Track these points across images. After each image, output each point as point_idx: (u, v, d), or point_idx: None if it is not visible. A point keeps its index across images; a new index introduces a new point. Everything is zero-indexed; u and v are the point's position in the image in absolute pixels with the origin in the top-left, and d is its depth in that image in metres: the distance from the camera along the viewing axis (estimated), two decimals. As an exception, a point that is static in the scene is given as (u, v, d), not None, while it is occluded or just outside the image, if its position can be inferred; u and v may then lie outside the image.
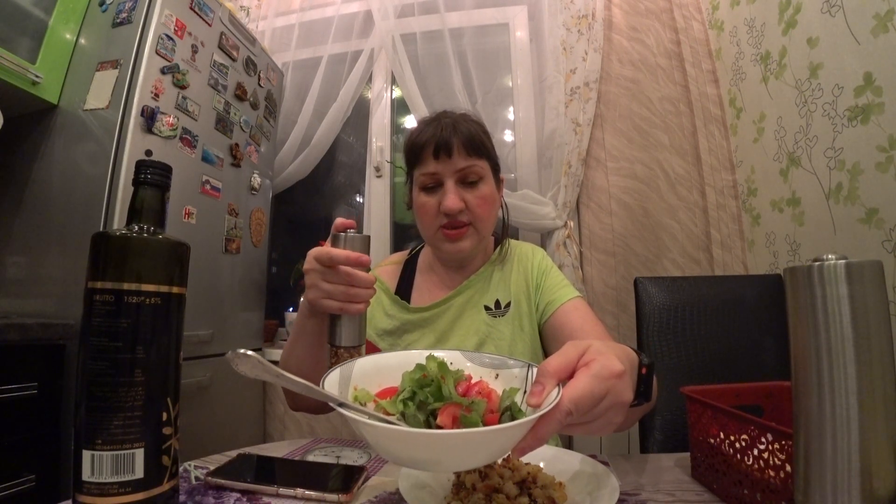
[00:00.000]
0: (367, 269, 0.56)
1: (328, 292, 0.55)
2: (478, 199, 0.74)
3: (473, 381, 0.43)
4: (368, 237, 0.57)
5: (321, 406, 0.72)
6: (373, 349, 0.81)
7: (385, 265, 0.93)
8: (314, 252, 0.56)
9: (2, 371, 0.91)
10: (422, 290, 0.86)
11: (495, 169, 0.79)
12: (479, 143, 0.74)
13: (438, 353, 0.44)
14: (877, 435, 0.31)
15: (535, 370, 0.42)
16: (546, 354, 0.79)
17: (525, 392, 0.41)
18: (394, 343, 0.82)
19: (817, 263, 0.33)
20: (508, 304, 0.80)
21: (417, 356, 0.44)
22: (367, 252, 0.56)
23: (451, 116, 0.77)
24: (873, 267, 0.32)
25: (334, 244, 0.56)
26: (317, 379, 0.42)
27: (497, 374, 0.45)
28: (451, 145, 0.72)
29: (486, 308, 0.80)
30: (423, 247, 0.92)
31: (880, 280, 0.32)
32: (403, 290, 0.87)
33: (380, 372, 0.44)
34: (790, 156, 1.21)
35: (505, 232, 0.87)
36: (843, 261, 0.32)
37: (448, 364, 0.43)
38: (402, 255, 0.94)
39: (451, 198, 0.72)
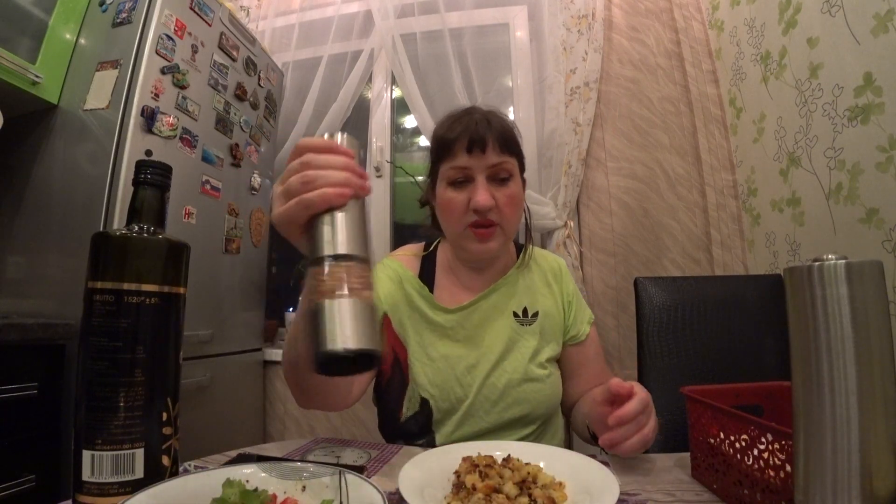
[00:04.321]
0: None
1: (285, 190, 0.41)
2: (507, 198, 0.72)
3: (279, 501, 0.40)
4: (357, 143, 0.44)
5: (336, 402, 0.67)
6: (401, 349, 0.77)
7: (403, 254, 0.86)
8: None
9: (2, 371, 0.91)
10: (443, 291, 0.81)
11: (521, 169, 0.77)
12: (511, 139, 0.72)
13: (235, 475, 0.41)
14: (877, 435, 0.31)
15: (347, 477, 0.42)
16: (562, 370, 0.81)
17: (342, 503, 0.40)
18: (424, 343, 0.77)
19: (817, 263, 0.33)
20: (536, 314, 0.79)
21: (208, 479, 0.41)
22: (356, 157, 0.43)
23: (480, 111, 0.74)
24: (873, 267, 0.32)
25: None
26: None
27: (304, 487, 0.43)
28: (485, 140, 0.69)
29: (514, 314, 0.79)
30: (438, 242, 0.87)
31: (880, 280, 0.32)
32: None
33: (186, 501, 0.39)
34: (790, 156, 1.21)
35: (528, 236, 0.85)
36: (843, 261, 0.32)
37: (245, 483, 0.41)
38: (418, 248, 0.88)
39: (483, 194, 0.69)
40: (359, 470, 0.53)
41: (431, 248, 0.86)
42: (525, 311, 0.79)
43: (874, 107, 0.93)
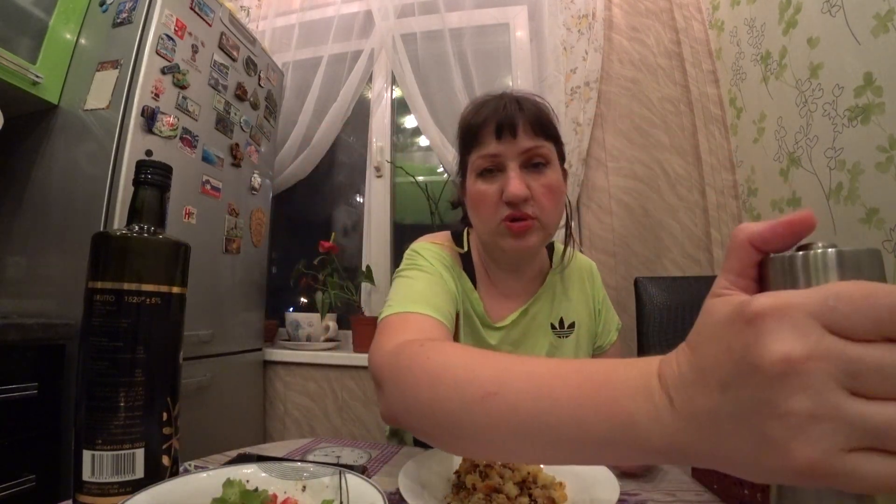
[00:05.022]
0: None
1: (875, 430, 0.17)
2: (544, 188, 0.63)
3: (280, 501, 0.41)
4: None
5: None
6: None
7: (448, 246, 0.74)
8: (828, 301, 0.19)
9: (2, 371, 0.91)
10: (487, 302, 0.73)
11: (561, 156, 0.69)
12: (546, 121, 0.65)
13: (235, 475, 0.42)
14: None
15: (347, 477, 0.41)
16: None
17: (342, 502, 0.39)
18: None
19: (801, 253, 0.26)
20: (573, 325, 0.74)
21: (208, 479, 0.42)
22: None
23: (510, 94, 0.67)
24: (872, 256, 0.25)
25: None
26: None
27: (304, 487, 0.43)
28: (515, 123, 0.62)
29: (552, 326, 0.74)
30: (465, 234, 0.78)
31: (879, 271, 0.26)
32: None
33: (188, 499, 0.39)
34: (790, 156, 1.21)
35: (568, 234, 0.76)
36: (833, 249, 0.25)
37: (245, 483, 0.41)
38: (448, 241, 0.76)
39: (515, 183, 0.61)
40: (359, 470, 0.54)
41: (466, 247, 0.76)
42: (562, 321, 0.74)
43: (874, 107, 0.93)
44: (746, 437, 0.20)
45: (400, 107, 1.97)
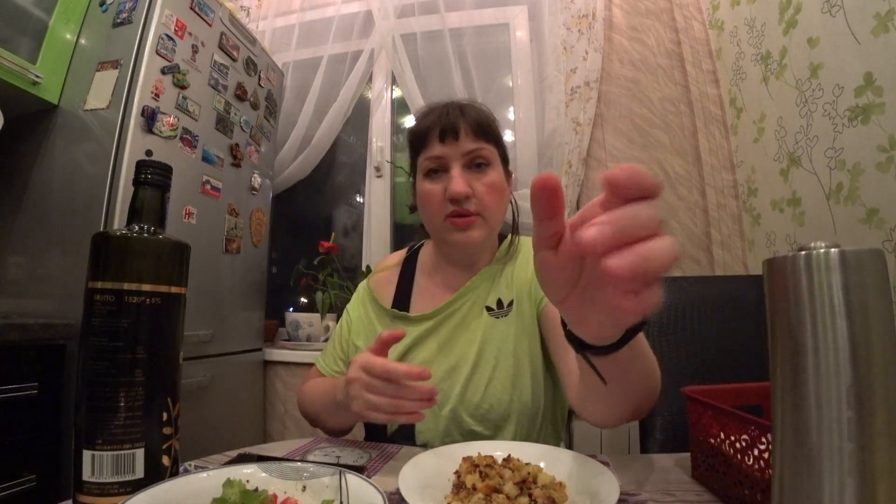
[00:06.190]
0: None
1: (374, 404, 0.52)
2: (486, 186, 0.69)
3: (280, 501, 0.41)
4: None
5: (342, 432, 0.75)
6: None
7: (379, 273, 0.86)
8: (360, 360, 0.53)
9: (2, 371, 0.91)
10: (423, 295, 0.79)
11: (504, 158, 0.75)
12: (486, 125, 0.70)
13: (235, 475, 0.42)
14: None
15: (347, 477, 0.43)
16: (544, 347, 0.73)
17: (342, 502, 0.40)
18: (401, 357, 0.76)
19: (804, 253, 0.26)
20: (511, 303, 0.75)
21: (208, 479, 0.42)
22: None
23: (455, 102, 0.74)
24: (874, 257, 0.25)
25: None
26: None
27: (304, 487, 0.43)
28: (457, 127, 0.68)
29: (488, 308, 0.75)
30: (422, 245, 0.86)
31: (882, 272, 0.25)
32: (403, 296, 0.80)
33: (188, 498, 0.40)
34: (790, 156, 1.21)
35: (515, 229, 0.82)
36: (835, 249, 0.25)
37: (245, 483, 0.41)
38: (399, 256, 0.87)
39: (457, 181, 0.67)
40: (359, 470, 0.53)
41: (413, 250, 0.85)
42: (500, 302, 0.75)
43: (874, 107, 0.93)
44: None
45: (400, 107, 1.97)
